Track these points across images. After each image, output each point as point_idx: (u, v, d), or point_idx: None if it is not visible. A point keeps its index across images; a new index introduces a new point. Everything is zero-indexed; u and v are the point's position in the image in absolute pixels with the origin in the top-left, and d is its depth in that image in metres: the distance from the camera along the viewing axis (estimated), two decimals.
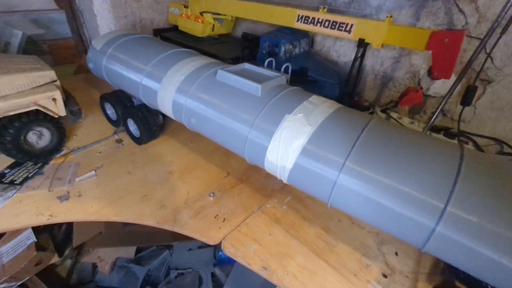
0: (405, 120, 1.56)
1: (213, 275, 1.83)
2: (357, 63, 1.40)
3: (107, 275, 1.82)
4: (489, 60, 1.26)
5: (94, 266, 1.85)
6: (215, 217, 0.97)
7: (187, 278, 1.82)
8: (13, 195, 0.95)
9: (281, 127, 0.74)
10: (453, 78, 1.17)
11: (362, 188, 0.64)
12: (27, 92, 1.01)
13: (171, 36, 2.00)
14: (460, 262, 0.57)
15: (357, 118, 0.74)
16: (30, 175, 1.03)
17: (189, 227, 0.93)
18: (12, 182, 1.00)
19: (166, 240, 1.84)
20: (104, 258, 1.88)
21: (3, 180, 1.01)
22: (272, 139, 0.75)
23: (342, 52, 1.73)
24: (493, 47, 1.15)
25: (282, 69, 1.02)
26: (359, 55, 1.30)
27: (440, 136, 1.45)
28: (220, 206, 1.02)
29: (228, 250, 0.89)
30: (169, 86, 0.97)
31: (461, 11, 1.28)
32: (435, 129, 1.50)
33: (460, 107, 1.27)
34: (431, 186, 0.57)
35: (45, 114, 1.06)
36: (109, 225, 1.82)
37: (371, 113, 1.59)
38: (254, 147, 0.80)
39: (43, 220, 0.90)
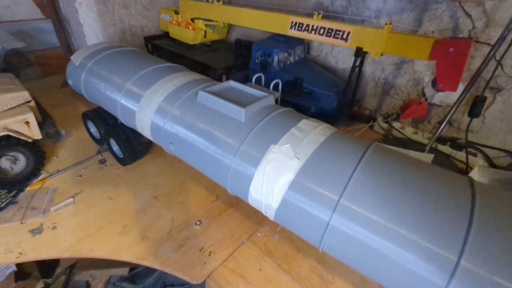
0: (408, 130, 1.47)
1: None
2: (356, 71, 1.31)
3: None
4: (499, 67, 1.16)
5: (88, 284, 1.79)
6: (200, 250, 0.89)
7: None
8: None
9: (265, 160, 0.65)
10: (460, 86, 1.07)
11: (359, 232, 0.55)
12: None
13: (163, 44, 1.92)
14: None
15: (352, 147, 0.65)
16: (2, 205, 0.96)
17: (171, 264, 0.85)
18: None
19: None
20: (97, 276, 1.82)
21: None
22: (256, 173, 0.66)
23: (341, 58, 1.63)
24: (503, 54, 1.05)
25: (272, 85, 0.93)
26: (357, 64, 1.21)
27: (447, 148, 1.36)
28: (206, 236, 0.94)
29: None
30: (147, 108, 0.89)
31: (467, 14, 1.18)
32: (441, 139, 1.40)
33: (467, 116, 1.17)
34: (441, 233, 0.48)
35: (18, 138, 0.98)
36: None
37: (372, 125, 1.50)
38: (237, 178, 0.72)
39: (11, 259, 0.83)
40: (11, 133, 0.95)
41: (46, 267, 1.52)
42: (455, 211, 0.50)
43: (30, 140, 1.01)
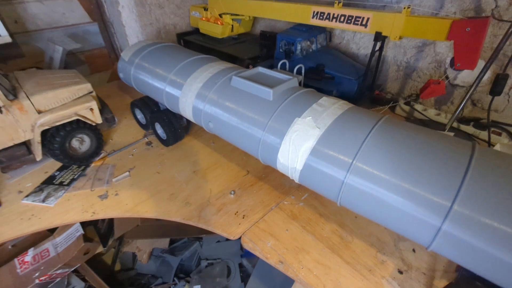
0: (431, 112, 1.50)
1: (240, 265, 1.94)
2: (376, 55, 1.37)
3: (145, 264, 2.01)
4: None
5: (134, 255, 2.05)
6: (235, 214, 1.04)
7: (217, 267, 1.95)
8: (62, 194, 1.11)
9: (291, 131, 0.78)
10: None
11: (369, 187, 0.66)
12: (69, 104, 1.15)
13: (193, 39, 2.09)
14: (467, 261, 0.57)
15: (366, 118, 0.75)
16: (75, 177, 1.18)
17: (212, 223, 1.01)
18: (61, 184, 1.15)
19: (196, 232, 1.96)
20: (142, 248, 2.07)
21: (54, 181, 1.17)
22: (283, 142, 0.79)
23: (362, 44, 1.69)
24: None
25: (295, 70, 1.04)
26: (376, 48, 1.27)
27: (469, 128, 1.38)
28: (240, 203, 1.08)
29: (247, 245, 0.96)
30: (189, 93, 1.05)
31: None
32: (464, 119, 1.43)
33: (489, 95, 1.20)
34: (437, 185, 0.58)
35: (85, 122, 1.19)
36: (145, 219, 1.98)
37: (394, 106, 1.55)
38: (267, 149, 0.85)
39: (87, 217, 1.04)
40: (80, 118, 1.16)
41: (102, 236, 1.78)
42: (452, 167, 0.59)
43: (93, 124, 1.22)
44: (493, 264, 0.53)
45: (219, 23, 1.93)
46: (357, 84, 1.39)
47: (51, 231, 1.52)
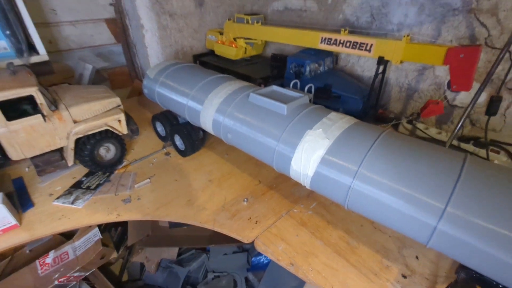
0: (432, 131, 1.59)
1: (246, 279, 1.97)
2: (380, 77, 1.49)
3: (153, 274, 2.05)
4: None
5: (142, 265, 2.10)
6: (249, 219, 1.12)
7: (223, 280, 1.98)
8: (90, 198, 1.20)
9: (303, 141, 0.88)
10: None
11: (374, 192, 0.74)
12: (100, 115, 1.27)
13: (209, 60, 2.26)
14: (461, 257, 0.64)
15: (370, 131, 0.85)
16: (101, 182, 1.28)
17: (227, 227, 1.09)
18: (88, 188, 1.25)
19: (204, 243, 2.01)
20: (150, 258, 2.12)
21: (82, 185, 1.27)
22: (296, 150, 0.88)
23: (366, 67, 1.82)
24: None
25: (306, 89, 1.16)
26: (379, 71, 1.39)
27: (469, 146, 1.46)
28: (253, 210, 1.16)
29: (260, 248, 1.03)
30: (210, 107, 1.17)
31: (482, 24, 1.32)
32: (464, 138, 1.51)
33: (485, 115, 1.29)
34: (433, 189, 0.66)
35: (112, 132, 1.31)
36: (156, 229, 2.05)
37: (397, 124, 1.65)
38: (281, 158, 0.95)
39: (112, 218, 1.13)
40: (109, 128, 1.28)
41: (115, 244, 1.85)
42: (446, 174, 0.68)
43: (120, 134, 1.34)
44: (483, 258, 0.60)
45: (233, 46, 2.10)
46: (362, 103, 1.50)
47: (67, 237, 1.60)
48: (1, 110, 1.02)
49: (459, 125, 1.26)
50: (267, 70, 2.00)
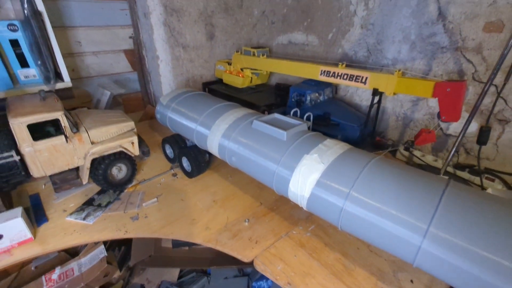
0: (429, 158, 1.66)
1: None
2: (376, 107, 1.59)
3: None
4: (504, 102, 1.37)
5: (143, 287, 2.09)
6: (249, 239, 1.17)
7: None
8: (100, 214, 1.27)
9: (300, 164, 0.95)
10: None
11: (363, 213, 0.80)
12: (116, 137, 1.38)
13: (217, 88, 2.42)
14: (446, 278, 0.68)
15: (361, 157, 0.92)
16: (111, 200, 1.36)
17: (228, 247, 1.14)
18: (99, 205, 1.33)
19: (205, 265, 2.03)
20: (151, 280, 2.12)
21: (93, 203, 1.35)
22: (294, 173, 0.96)
23: (364, 97, 1.93)
24: (501, 90, 1.28)
25: (305, 117, 1.26)
26: (375, 102, 1.50)
27: (465, 174, 1.51)
28: (253, 230, 1.22)
29: (259, 267, 1.07)
30: (216, 132, 1.27)
31: (468, 61, 1.43)
32: (460, 166, 1.56)
33: (476, 144, 1.36)
34: (417, 210, 0.72)
35: (125, 153, 1.41)
36: (158, 250, 2.08)
37: (394, 151, 1.72)
38: (280, 179, 1.02)
39: (120, 235, 1.19)
40: (123, 149, 1.38)
41: (118, 262, 1.87)
42: (429, 197, 0.74)
43: (133, 156, 1.44)
44: (466, 278, 0.64)
45: (240, 75, 2.26)
46: (359, 131, 1.59)
47: (72, 255, 1.65)
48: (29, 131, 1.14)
49: (451, 153, 1.33)
50: (271, 98, 2.13)
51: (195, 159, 1.50)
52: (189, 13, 2.18)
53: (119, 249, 2.03)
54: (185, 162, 1.55)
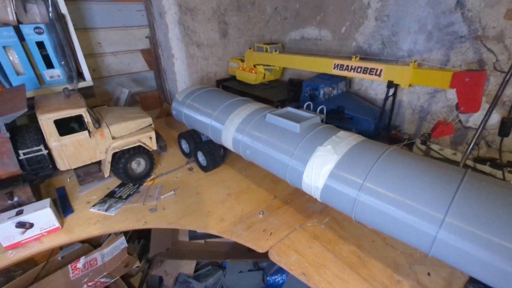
0: (447, 151, 1.61)
1: None
2: (391, 100, 1.56)
3: None
4: None
5: (161, 279, 2.17)
6: (264, 231, 1.19)
7: None
8: (121, 206, 1.34)
9: (314, 156, 0.96)
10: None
11: (378, 204, 0.80)
12: (135, 133, 1.44)
13: (230, 85, 2.45)
14: (462, 266, 0.68)
15: (375, 148, 0.92)
16: (131, 193, 1.42)
17: (243, 238, 1.16)
18: (120, 197, 1.39)
19: (221, 258, 2.07)
20: (169, 272, 2.19)
21: (115, 195, 1.41)
22: (307, 165, 0.97)
23: (379, 90, 1.90)
24: None
25: (318, 110, 1.26)
26: (389, 94, 1.47)
27: (486, 167, 1.46)
28: (267, 222, 1.24)
29: (274, 257, 1.09)
30: (230, 127, 1.30)
31: (489, 50, 1.38)
32: (480, 159, 1.51)
33: (498, 135, 1.31)
34: (433, 200, 0.72)
35: (144, 148, 1.47)
36: (175, 243, 2.15)
37: (411, 145, 1.69)
38: (293, 171, 1.04)
39: (140, 225, 1.24)
40: (142, 144, 1.44)
41: (138, 254, 1.95)
42: (446, 186, 0.73)
43: (150, 150, 1.50)
44: (483, 267, 0.63)
45: (253, 72, 2.28)
46: (373, 124, 1.57)
47: (94, 247, 1.74)
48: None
49: (471, 145, 1.29)
50: (284, 94, 2.13)
51: (210, 154, 1.53)
52: (203, 12, 2.22)
53: (138, 242, 2.12)
54: (201, 157, 1.59)
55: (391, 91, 1.48)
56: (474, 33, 1.40)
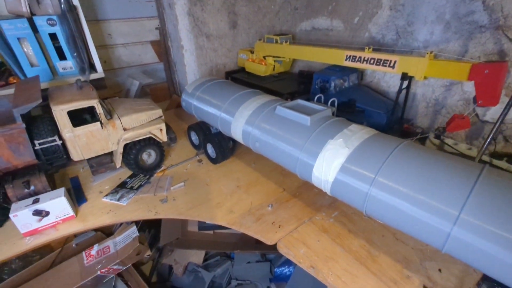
0: (462, 146, 1.56)
1: None
2: (404, 92, 1.52)
3: (180, 277, 2.16)
4: None
5: (170, 268, 2.22)
6: (272, 223, 1.19)
7: None
8: (132, 196, 1.36)
9: (324, 149, 0.95)
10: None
11: (390, 198, 0.79)
12: (145, 124, 1.45)
13: (239, 77, 2.43)
14: (477, 264, 0.66)
15: (388, 142, 0.90)
16: (142, 183, 1.45)
17: (252, 230, 1.17)
18: (131, 188, 1.42)
19: (229, 248, 2.10)
20: (179, 261, 2.24)
21: (126, 186, 1.44)
22: (318, 158, 0.96)
23: (392, 82, 1.85)
24: None
25: (329, 103, 1.24)
26: (403, 87, 1.43)
27: (503, 163, 1.41)
28: (276, 215, 1.24)
29: (282, 250, 1.09)
30: (240, 119, 1.29)
31: (511, 40, 1.32)
32: (497, 155, 1.46)
33: None
34: (448, 196, 0.70)
35: (154, 139, 1.49)
36: (185, 233, 2.19)
37: (424, 139, 1.65)
38: (303, 165, 1.03)
39: (151, 215, 1.27)
40: (152, 135, 1.45)
41: (149, 244, 2.00)
42: (461, 182, 0.71)
43: (160, 141, 1.51)
44: (498, 265, 0.62)
45: (263, 63, 2.25)
46: (386, 117, 1.53)
47: (107, 235, 1.78)
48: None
49: (488, 139, 1.25)
50: (294, 86, 2.10)
51: (220, 146, 1.54)
52: (212, 2, 2.19)
53: (149, 231, 2.17)
54: (210, 149, 1.59)
55: (405, 83, 1.44)
56: (495, 22, 1.34)
